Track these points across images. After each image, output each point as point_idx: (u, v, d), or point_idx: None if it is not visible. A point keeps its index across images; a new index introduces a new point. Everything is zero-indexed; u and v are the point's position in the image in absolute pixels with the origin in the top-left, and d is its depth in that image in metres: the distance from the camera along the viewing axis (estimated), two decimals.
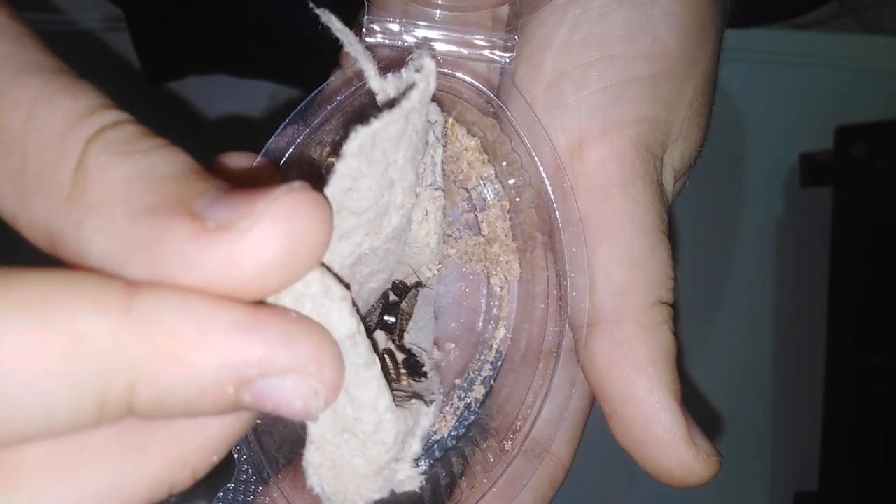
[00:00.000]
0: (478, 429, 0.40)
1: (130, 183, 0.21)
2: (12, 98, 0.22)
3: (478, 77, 0.36)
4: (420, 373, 0.37)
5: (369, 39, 0.35)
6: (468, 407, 0.41)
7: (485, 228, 0.40)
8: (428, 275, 0.39)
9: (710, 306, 1.06)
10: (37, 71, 0.23)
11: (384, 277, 0.34)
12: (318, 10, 0.28)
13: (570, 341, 0.36)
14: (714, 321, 1.06)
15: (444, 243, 0.40)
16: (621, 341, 0.34)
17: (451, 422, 0.40)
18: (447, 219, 0.40)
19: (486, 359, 0.41)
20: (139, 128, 0.23)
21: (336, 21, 0.28)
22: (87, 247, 0.21)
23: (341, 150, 0.24)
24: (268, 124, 0.35)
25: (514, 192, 0.39)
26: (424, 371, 0.37)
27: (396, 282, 0.39)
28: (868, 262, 0.95)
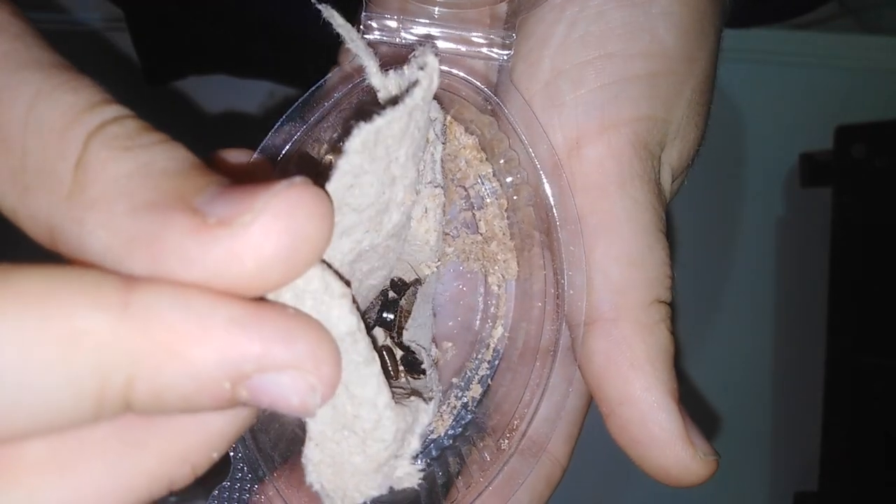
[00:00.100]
0: (475, 428, 0.40)
1: (131, 178, 0.21)
2: (13, 94, 0.22)
3: (476, 75, 0.36)
4: (418, 370, 0.37)
5: (367, 36, 0.35)
6: (465, 406, 0.41)
7: (482, 227, 0.40)
8: (427, 272, 0.39)
9: (711, 306, 1.06)
10: (38, 67, 0.23)
11: (383, 274, 0.34)
12: (320, 5, 0.28)
13: (567, 340, 0.36)
14: (714, 321, 1.06)
15: (442, 241, 0.40)
16: (619, 340, 0.34)
17: (448, 421, 0.40)
18: (445, 217, 0.40)
19: (483, 358, 0.41)
20: (140, 123, 0.23)
21: (338, 17, 0.28)
22: (87, 243, 0.21)
23: (344, 146, 0.24)
24: (267, 123, 0.35)
25: (512, 190, 0.39)
26: (423, 368, 0.37)
27: (395, 279, 0.39)
28: (868, 262, 0.94)
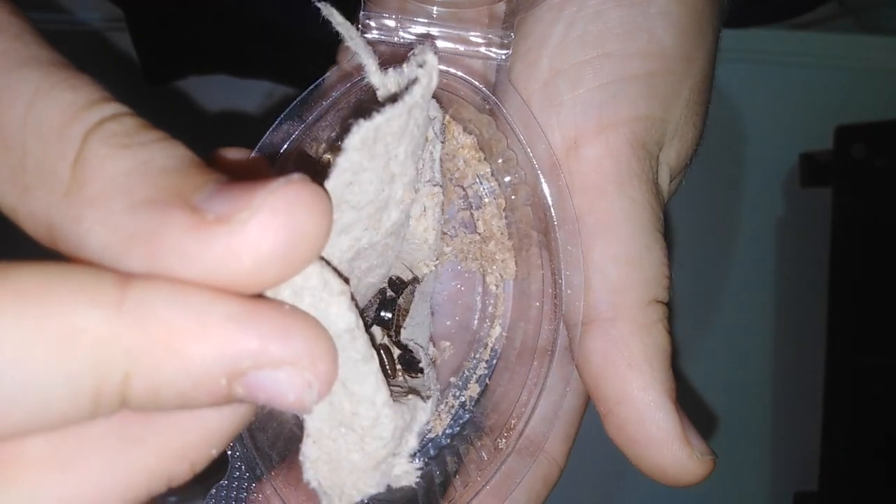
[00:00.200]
0: (472, 427, 0.40)
1: (129, 176, 0.21)
2: (12, 92, 0.22)
3: (474, 74, 0.36)
4: (416, 369, 0.37)
5: (366, 35, 0.35)
6: (463, 405, 0.41)
7: (480, 226, 0.40)
8: (425, 271, 0.39)
9: (711, 307, 1.06)
10: (37, 65, 0.23)
11: (382, 273, 0.34)
12: (320, 3, 0.28)
13: (565, 339, 0.36)
14: (714, 321, 1.06)
15: (440, 240, 0.40)
16: (616, 339, 0.34)
17: (445, 420, 0.40)
18: (444, 216, 0.40)
19: (481, 357, 0.41)
20: (138, 120, 0.23)
21: (337, 15, 0.28)
22: (86, 240, 0.21)
23: (343, 143, 0.24)
24: (267, 123, 0.35)
25: (510, 189, 0.39)
26: (421, 367, 0.37)
27: (393, 277, 0.39)
28: (868, 262, 0.94)
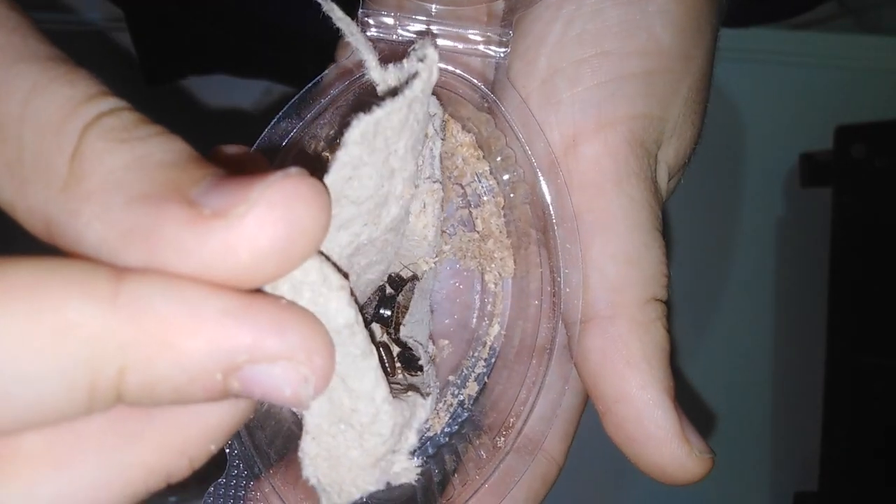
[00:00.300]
0: (471, 426, 0.40)
1: (127, 170, 0.21)
2: (10, 87, 0.22)
3: (472, 72, 0.36)
4: (416, 366, 0.37)
5: (364, 33, 0.35)
6: (461, 404, 0.41)
7: (479, 225, 0.40)
8: (425, 268, 0.38)
9: (710, 306, 1.06)
10: (35, 60, 0.23)
11: (381, 269, 0.34)
12: None
13: (563, 338, 0.36)
14: (714, 321, 1.06)
15: (440, 237, 0.39)
16: (614, 338, 0.34)
17: (444, 418, 0.40)
18: (443, 214, 0.40)
19: (479, 355, 0.41)
20: (136, 115, 0.23)
21: (338, 10, 0.28)
22: (83, 235, 0.21)
23: (343, 138, 0.24)
24: (266, 121, 0.35)
25: (509, 187, 0.39)
26: (420, 364, 0.37)
27: (393, 275, 0.39)
28: (868, 262, 0.94)
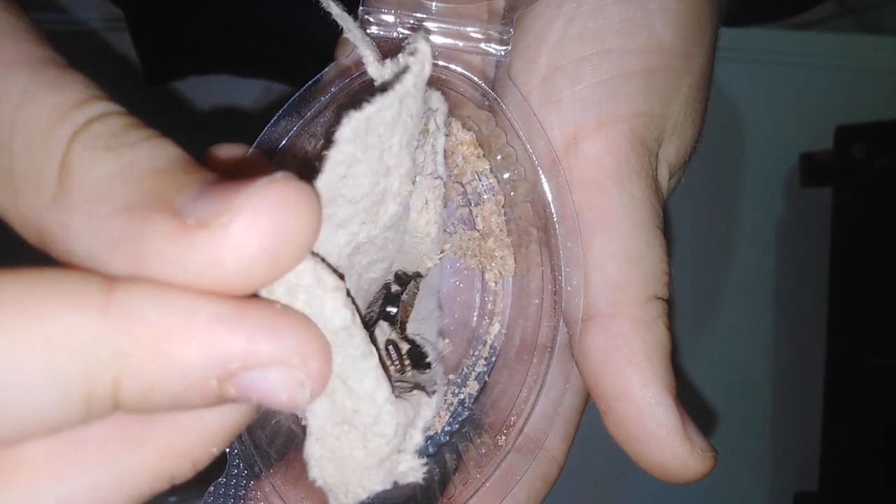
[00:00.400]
0: (471, 425, 0.40)
1: (113, 179, 0.21)
2: (0, 94, 0.22)
3: (473, 70, 0.36)
4: (423, 364, 0.37)
5: (364, 31, 0.35)
6: (462, 403, 0.41)
7: (479, 223, 0.40)
8: (429, 265, 0.38)
9: (710, 307, 1.06)
10: (26, 65, 0.23)
11: (384, 267, 0.33)
12: None
13: (564, 337, 0.36)
14: (714, 322, 1.05)
15: (443, 233, 0.39)
16: (616, 336, 0.34)
17: (444, 418, 0.40)
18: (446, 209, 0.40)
19: (480, 354, 0.41)
20: (126, 119, 0.23)
21: (335, 7, 0.28)
22: (73, 245, 0.21)
23: (334, 136, 0.24)
24: (266, 120, 0.35)
25: (509, 186, 0.38)
26: (428, 362, 0.37)
27: (399, 272, 0.39)
28: (868, 262, 0.94)
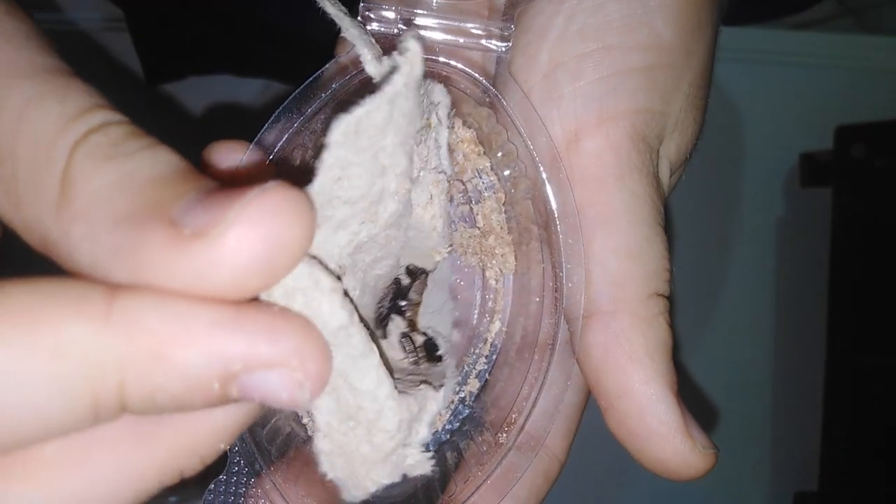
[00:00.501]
0: (472, 423, 0.40)
1: (112, 189, 0.22)
2: (3, 103, 0.23)
3: (474, 66, 0.36)
4: (434, 357, 0.37)
5: (365, 27, 0.35)
6: (463, 401, 0.41)
7: (480, 221, 0.40)
8: (437, 258, 0.39)
9: (710, 307, 1.06)
10: (28, 73, 0.23)
11: (389, 263, 0.34)
12: None
13: (565, 334, 0.36)
14: (714, 322, 1.05)
15: (449, 227, 0.39)
16: (617, 333, 0.33)
17: (445, 416, 0.40)
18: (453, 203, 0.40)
19: (480, 352, 0.41)
20: (125, 128, 0.23)
21: (330, 5, 0.28)
22: (75, 254, 0.22)
23: (325, 139, 0.24)
24: (266, 118, 0.35)
25: (510, 183, 0.38)
26: (439, 355, 0.37)
27: (410, 266, 0.39)
28: (868, 262, 0.94)
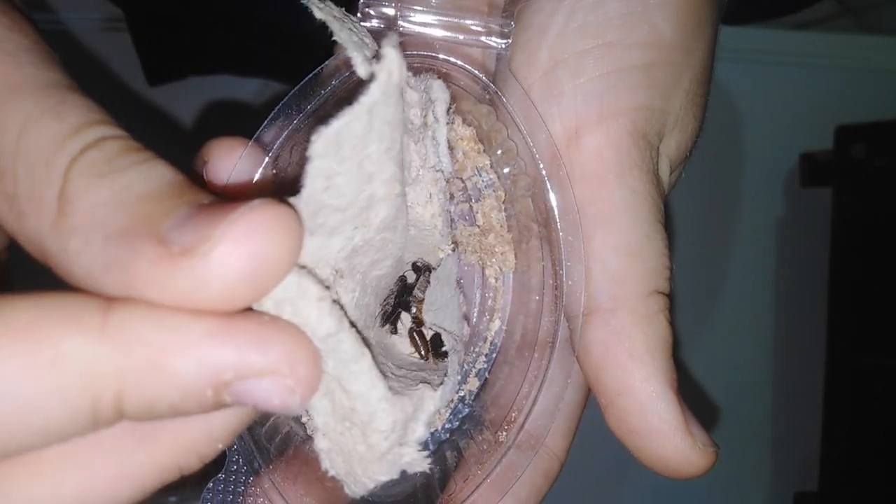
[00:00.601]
0: (472, 421, 0.39)
1: (106, 206, 0.23)
2: (4, 121, 0.24)
3: (474, 63, 0.36)
4: (439, 353, 0.37)
5: (364, 24, 0.34)
6: (462, 399, 0.41)
7: (480, 219, 0.40)
8: (441, 255, 0.39)
9: (710, 307, 1.06)
10: (29, 90, 0.24)
11: (389, 264, 0.34)
12: None
13: (565, 332, 0.36)
14: (714, 322, 1.05)
15: (450, 224, 0.40)
16: (617, 330, 0.33)
17: (445, 415, 0.40)
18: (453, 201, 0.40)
19: (480, 351, 0.41)
20: (121, 143, 0.24)
21: (317, 10, 0.28)
22: (72, 268, 0.23)
23: (307, 152, 0.24)
24: (266, 117, 0.35)
25: (510, 180, 0.38)
26: (444, 350, 0.37)
27: (416, 262, 0.39)
28: (868, 262, 0.94)
